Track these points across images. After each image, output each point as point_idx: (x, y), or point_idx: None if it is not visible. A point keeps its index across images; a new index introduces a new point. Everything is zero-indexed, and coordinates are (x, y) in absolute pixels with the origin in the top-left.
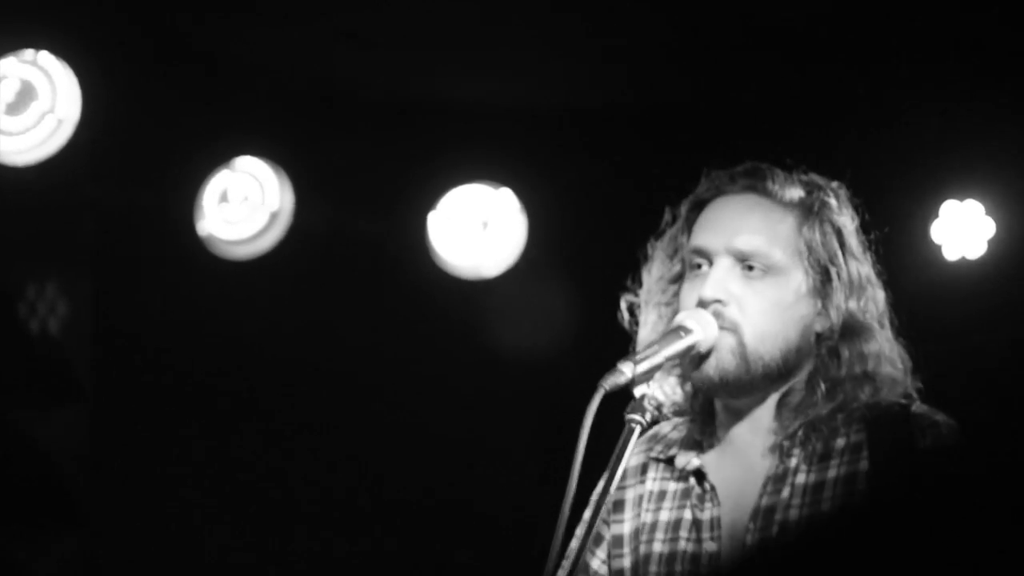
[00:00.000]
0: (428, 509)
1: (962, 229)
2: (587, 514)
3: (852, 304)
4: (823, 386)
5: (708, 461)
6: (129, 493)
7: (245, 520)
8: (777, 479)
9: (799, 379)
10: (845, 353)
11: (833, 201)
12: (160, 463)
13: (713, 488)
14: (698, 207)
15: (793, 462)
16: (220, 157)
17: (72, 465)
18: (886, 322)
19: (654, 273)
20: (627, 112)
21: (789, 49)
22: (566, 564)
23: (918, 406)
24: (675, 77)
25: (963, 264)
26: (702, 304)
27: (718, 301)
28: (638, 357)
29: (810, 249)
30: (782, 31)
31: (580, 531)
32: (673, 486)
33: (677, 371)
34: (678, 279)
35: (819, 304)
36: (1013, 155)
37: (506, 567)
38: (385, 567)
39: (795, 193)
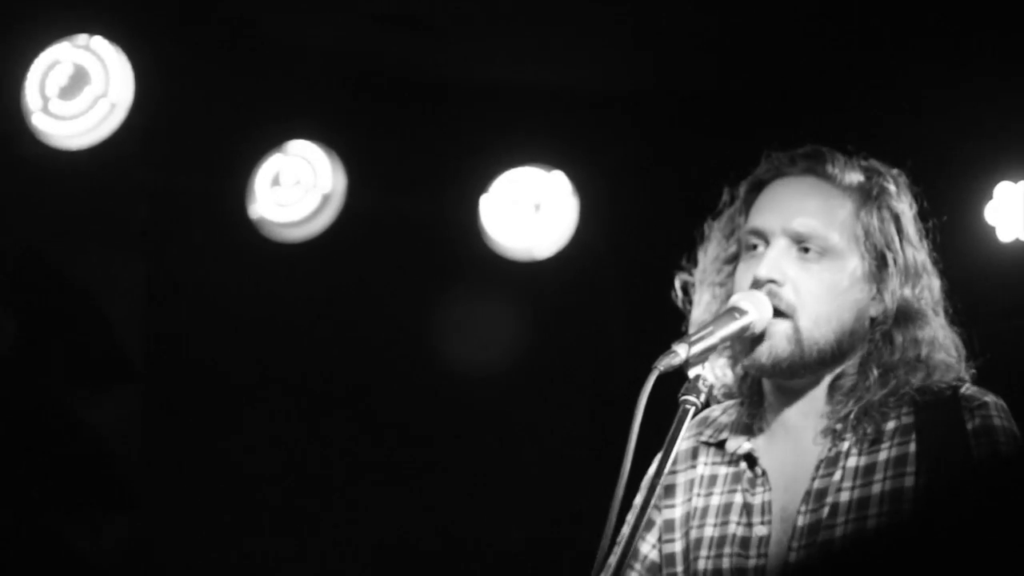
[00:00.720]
0: (484, 493)
1: (1017, 211)
2: (638, 499)
3: (907, 291)
4: (875, 371)
5: (759, 445)
6: (181, 476)
7: (296, 506)
8: (829, 462)
9: (851, 362)
10: (899, 339)
11: (892, 187)
12: (212, 446)
13: (764, 472)
14: (757, 188)
15: (845, 445)
16: (272, 140)
17: (124, 447)
18: (940, 310)
19: (710, 253)
20: (680, 96)
21: (843, 34)
22: (617, 549)
23: (968, 387)
24: (730, 62)
25: (1018, 245)
26: (756, 283)
27: (773, 281)
28: (692, 338)
29: (867, 234)
30: (835, 17)
31: (631, 516)
32: (724, 470)
33: (728, 353)
34: (733, 259)
35: (874, 289)
36: None
37: (560, 550)
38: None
39: (855, 177)
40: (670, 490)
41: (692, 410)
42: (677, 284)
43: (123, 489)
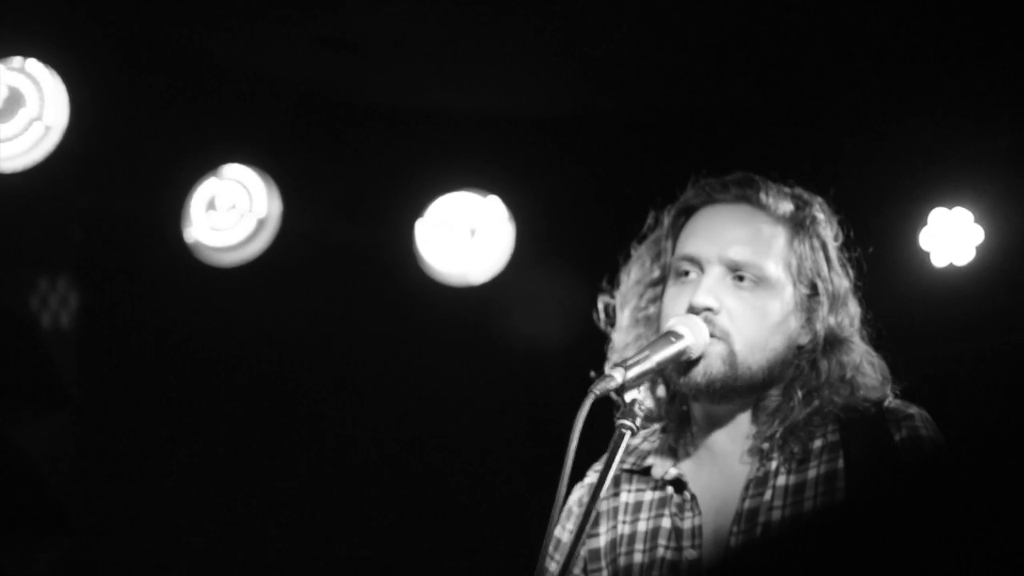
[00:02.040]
0: (417, 514)
1: (950, 236)
2: (559, 530)
3: (832, 319)
4: (799, 392)
5: (686, 470)
6: (116, 499)
7: (232, 524)
8: (758, 482)
9: (776, 388)
10: (823, 364)
11: (821, 215)
12: (147, 469)
13: (694, 497)
14: (686, 213)
15: (773, 465)
16: (207, 164)
17: (59, 472)
18: (862, 336)
19: (633, 275)
20: (614, 120)
21: (775, 59)
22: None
23: (891, 400)
24: (661, 86)
25: (951, 271)
26: (692, 311)
27: (709, 309)
28: (629, 362)
29: (799, 264)
30: (768, 40)
31: (552, 549)
32: (649, 496)
33: (657, 378)
34: (657, 284)
35: (804, 318)
36: (1001, 163)
37: (498, 572)
38: (373, 568)
39: (786, 207)
40: (593, 520)
41: (628, 434)
42: (599, 305)
43: (56, 514)
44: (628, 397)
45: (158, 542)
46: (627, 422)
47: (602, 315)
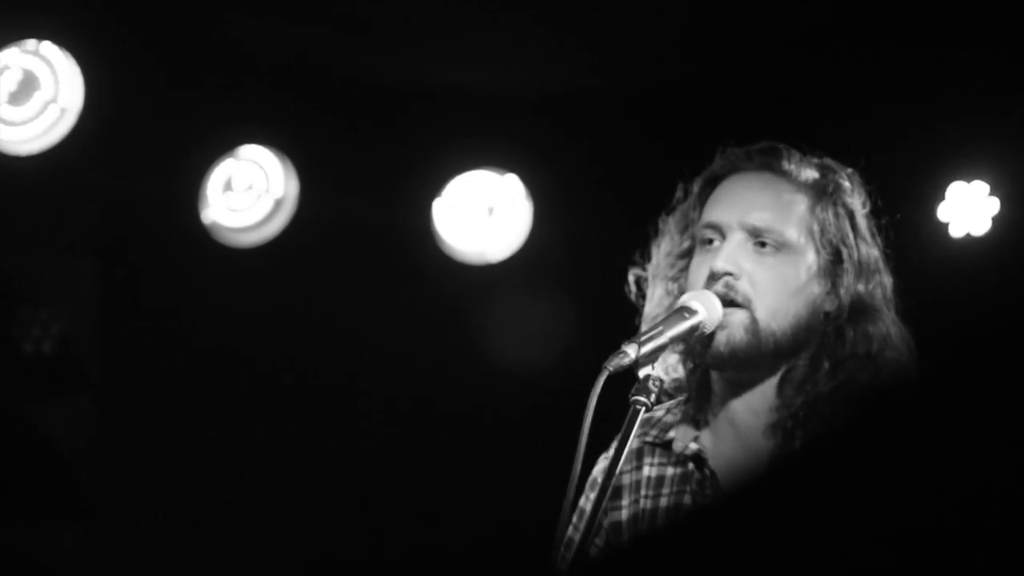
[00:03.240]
0: (436, 494)
1: (968, 209)
2: (584, 500)
3: (861, 286)
4: (826, 364)
5: (707, 443)
6: (136, 483)
7: (251, 505)
8: (779, 459)
9: (804, 356)
10: (850, 333)
11: (847, 184)
12: (167, 453)
13: (714, 474)
14: (712, 183)
15: (797, 443)
16: (224, 145)
17: (79, 455)
18: (892, 308)
19: (663, 248)
20: (633, 98)
21: (795, 33)
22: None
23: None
24: (682, 62)
25: (968, 240)
26: (713, 276)
27: (729, 274)
28: (642, 338)
29: (823, 230)
30: (788, 13)
31: (576, 518)
32: (671, 471)
33: (679, 349)
34: (687, 254)
35: (829, 284)
36: (1017, 136)
37: (512, 551)
38: (388, 557)
39: (810, 174)
40: (616, 492)
41: (643, 410)
42: (630, 278)
43: (77, 497)
44: (642, 373)
45: (177, 524)
46: (641, 398)
47: (633, 288)
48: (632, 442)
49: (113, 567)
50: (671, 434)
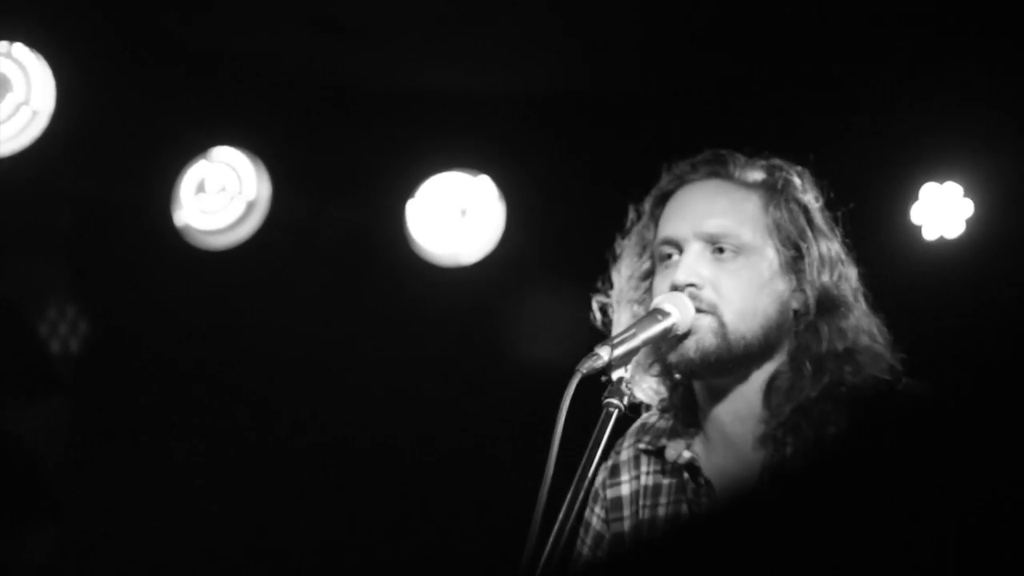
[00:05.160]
0: (409, 495)
1: (941, 210)
2: (598, 508)
3: (825, 279)
4: (808, 366)
5: (698, 452)
6: (109, 486)
7: (225, 510)
8: (774, 469)
9: (781, 360)
10: (824, 328)
11: (796, 180)
12: (140, 455)
13: (708, 482)
14: (662, 199)
15: (788, 451)
16: (197, 147)
17: (52, 458)
18: (860, 297)
19: (624, 272)
20: (605, 99)
21: (767, 35)
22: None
23: (904, 383)
24: (652, 64)
25: (942, 243)
26: (676, 290)
27: (692, 285)
28: (615, 340)
29: (778, 227)
30: (760, 17)
31: (583, 531)
32: (666, 480)
33: (657, 369)
34: (649, 275)
35: (793, 281)
36: (991, 138)
37: (487, 552)
38: (372, 557)
39: (757, 175)
40: (616, 503)
41: (615, 412)
42: (594, 306)
43: (50, 500)
44: (615, 375)
45: (150, 527)
46: (614, 400)
47: (598, 316)
48: (627, 451)
49: (84, 570)
50: (663, 441)
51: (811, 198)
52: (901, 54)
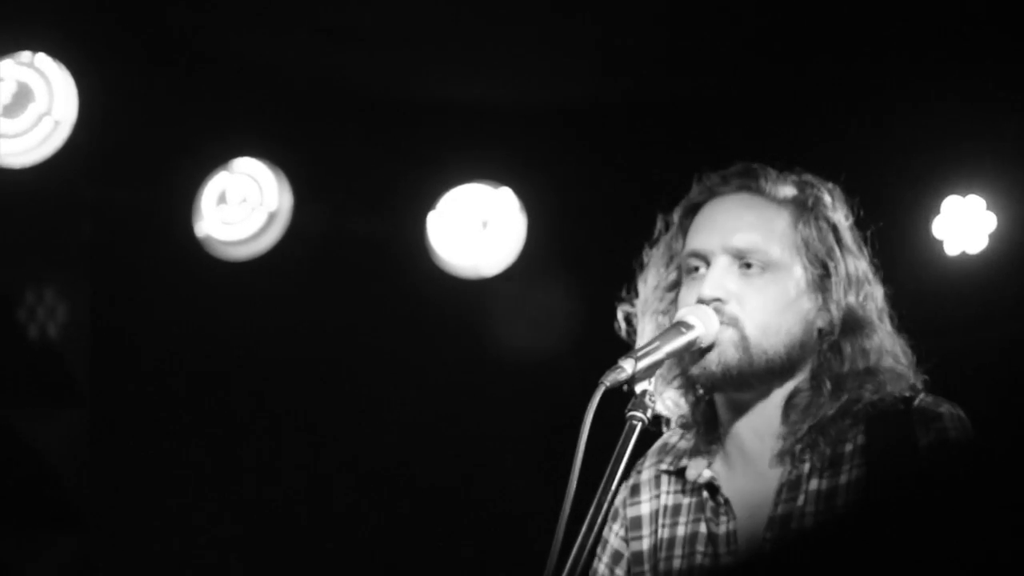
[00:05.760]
0: (430, 509)
1: (963, 224)
2: (616, 526)
3: (852, 299)
4: (828, 384)
5: (719, 471)
6: (127, 497)
7: (244, 521)
8: (791, 486)
9: (803, 377)
10: (847, 348)
11: (827, 198)
12: (159, 466)
13: (727, 501)
14: (692, 211)
15: (806, 468)
16: (218, 158)
17: (70, 469)
18: (885, 317)
19: (650, 282)
20: (628, 111)
21: (788, 47)
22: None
23: (922, 399)
24: (674, 76)
25: (964, 259)
26: (701, 303)
27: (717, 299)
28: (639, 353)
29: (807, 245)
30: (780, 28)
31: (600, 548)
32: (687, 500)
33: (679, 382)
34: (675, 286)
35: (819, 299)
36: (1014, 149)
37: (509, 566)
38: (386, 567)
39: (788, 191)
40: (636, 521)
41: (639, 425)
42: (619, 316)
43: (68, 511)
44: (639, 388)
45: (169, 540)
46: (638, 413)
47: (623, 325)
48: (648, 471)
49: None
50: (684, 462)
51: (841, 216)
52: (923, 67)
